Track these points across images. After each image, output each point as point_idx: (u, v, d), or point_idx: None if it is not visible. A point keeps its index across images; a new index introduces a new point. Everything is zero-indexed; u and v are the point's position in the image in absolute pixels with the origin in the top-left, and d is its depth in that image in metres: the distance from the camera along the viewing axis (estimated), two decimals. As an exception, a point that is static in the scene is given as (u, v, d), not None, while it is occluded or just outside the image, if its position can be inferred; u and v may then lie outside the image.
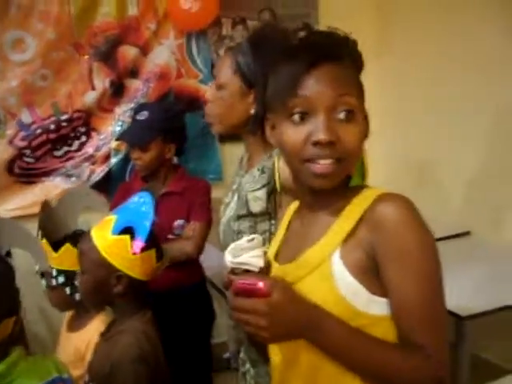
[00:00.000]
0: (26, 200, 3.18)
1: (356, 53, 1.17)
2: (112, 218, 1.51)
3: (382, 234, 1.07)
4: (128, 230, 1.52)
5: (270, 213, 1.63)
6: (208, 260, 3.05)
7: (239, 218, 1.68)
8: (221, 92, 1.72)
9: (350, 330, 1.06)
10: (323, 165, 1.09)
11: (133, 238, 1.51)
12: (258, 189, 1.64)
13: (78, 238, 1.85)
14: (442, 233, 2.95)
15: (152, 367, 1.48)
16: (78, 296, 1.85)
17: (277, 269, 1.26)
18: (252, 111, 1.69)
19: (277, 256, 1.30)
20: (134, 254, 1.49)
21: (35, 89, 3.19)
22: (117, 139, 2.93)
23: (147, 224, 1.48)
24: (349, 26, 1.19)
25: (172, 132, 2.55)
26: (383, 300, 1.09)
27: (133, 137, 2.58)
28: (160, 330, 1.63)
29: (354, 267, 1.10)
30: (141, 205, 1.52)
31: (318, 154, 1.09)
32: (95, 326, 1.87)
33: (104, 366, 1.49)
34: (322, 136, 1.07)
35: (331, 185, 1.13)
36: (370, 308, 1.09)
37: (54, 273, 1.83)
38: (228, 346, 2.25)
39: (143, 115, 2.55)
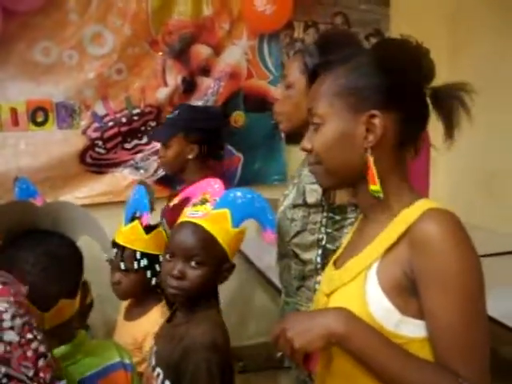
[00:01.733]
0: (95, 189, 3.29)
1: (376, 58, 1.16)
2: (223, 212, 1.53)
3: (422, 253, 1.04)
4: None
5: (324, 206, 1.72)
6: (261, 253, 3.07)
7: (295, 206, 1.81)
8: (289, 91, 1.82)
9: (379, 338, 1.06)
10: (310, 168, 1.25)
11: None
12: (316, 182, 1.71)
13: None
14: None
15: (223, 356, 1.50)
16: (153, 281, 1.89)
17: (328, 274, 1.29)
18: None
19: (336, 260, 1.31)
20: (268, 242, 1.58)
21: (110, 82, 3.29)
22: (148, 138, 3.02)
23: (272, 217, 1.56)
24: (420, 32, 1.21)
25: (196, 132, 2.50)
26: (416, 322, 1.07)
27: (155, 132, 2.73)
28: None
29: (387, 284, 1.09)
30: (252, 200, 1.57)
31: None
32: (154, 317, 1.90)
33: (174, 352, 1.51)
34: (301, 145, 1.26)
35: (325, 184, 1.28)
36: (400, 328, 1.08)
37: (138, 255, 1.88)
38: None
39: (173, 114, 2.61)
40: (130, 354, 1.50)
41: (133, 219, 1.91)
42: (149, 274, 1.88)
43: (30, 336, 0.92)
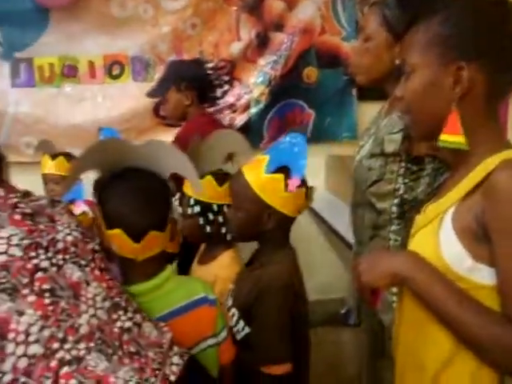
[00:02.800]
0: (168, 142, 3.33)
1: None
2: (264, 158, 1.56)
3: (492, 200, 1.04)
4: (281, 169, 1.57)
5: (401, 155, 1.71)
6: (338, 216, 3.07)
7: (372, 156, 1.80)
8: (367, 44, 1.80)
9: (444, 282, 1.09)
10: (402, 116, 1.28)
11: (288, 176, 1.55)
12: (395, 132, 1.73)
13: (220, 174, 1.93)
14: None
15: (297, 296, 1.54)
16: (208, 229, 1.92)
17: (416, 218, 1.31)
18: (397, 62, 1.73)
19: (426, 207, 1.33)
20: (290, 191, 1.54)
21: (184, 36, 3.33)
22: (147, 95, 3.07)
23: (302, 163, 1.54)
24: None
25: (185, 82, 2.77)
26: (487, 268, 1.07)
27: (152, 91, 2.97)
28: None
29: (461, 230, 1.09)
30: (293, 145, 1.57)
31: None
32: (222, 262, 1.94)
33: (250, 293, 1.55)
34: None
35: (414, 134, 1.28)
36: (470, 273, 1.09)
37: (192, 202, 1.92)
38: (345, 302, 2.30)
39: (164, 72, 2.91)
40: (213, 290, 1.54)
41: None
42: (201, 220, 1.91)
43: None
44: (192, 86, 2.79)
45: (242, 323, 1.58)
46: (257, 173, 1.56)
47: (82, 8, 3.21)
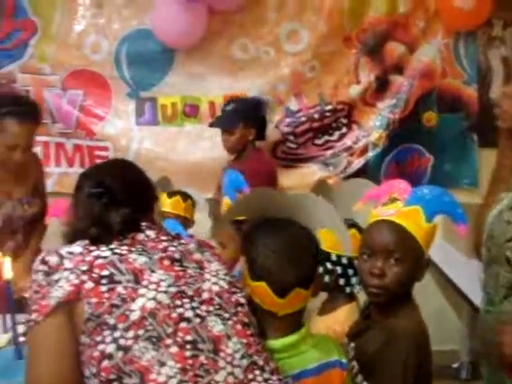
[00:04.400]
0: (283, 183, 3.30)
1: None
2: (417, 208, 1.54)
3: None
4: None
5: None
6: (454, 266, 2.97)
7: None
8: None
9: None
10: None
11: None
12: None
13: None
14: None
15: (423, 354, 1.47)
16: (327, 278, 1.89)
17: None
18: None
19: None
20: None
21: (304, 78, 3.37)
22: (210, 125, 3.18)
23: (461, 211, 1.53)
24: None
25: (252, 119, 3.03)
26: None
27: (222, 123, 3.12)
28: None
29: None
30: (441, 196, 1.57)
31: None
32: (339, 316, 1.89)
33: (376, 346, 1.51)
34: None
35: None
36: None
37: None
38: (458, 355, 2.19)
39: (231, 106, 3.11)
40: (345, 353, 1.50)
41: None
42: (320, 269, 1.88)
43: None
44: (257, 123, 3.06)
45: (360, 377, 1.52)
46: (417, 222, 1.52)
47: (205, 50, 3.34)
